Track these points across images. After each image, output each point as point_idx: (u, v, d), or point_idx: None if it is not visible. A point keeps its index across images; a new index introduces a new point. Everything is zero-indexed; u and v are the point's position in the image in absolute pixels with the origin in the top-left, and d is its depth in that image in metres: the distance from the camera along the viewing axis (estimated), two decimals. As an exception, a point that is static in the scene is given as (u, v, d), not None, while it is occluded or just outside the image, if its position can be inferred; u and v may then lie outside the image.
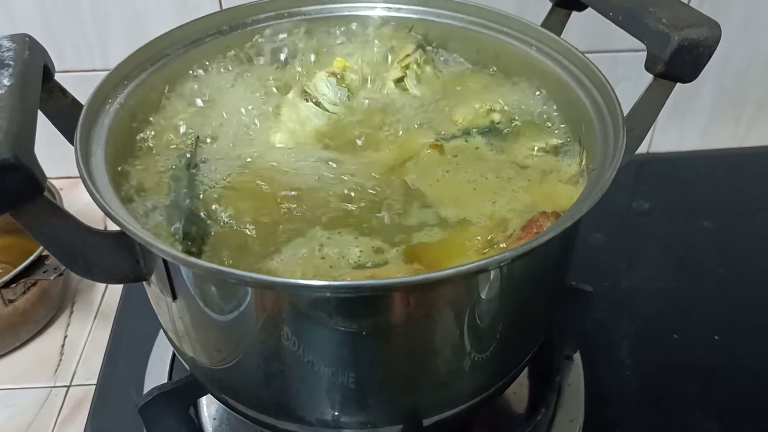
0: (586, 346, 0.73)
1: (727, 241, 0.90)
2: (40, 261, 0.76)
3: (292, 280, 0.44)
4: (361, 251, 0.49)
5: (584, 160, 0.56)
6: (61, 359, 0.79)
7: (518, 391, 0.69)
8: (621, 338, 0.77)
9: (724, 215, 0.94)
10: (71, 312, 0.84)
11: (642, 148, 1.07)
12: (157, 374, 0.72)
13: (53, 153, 0.81)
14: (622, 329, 0.78)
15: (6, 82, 0.44)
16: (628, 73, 0.95)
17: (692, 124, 1.05)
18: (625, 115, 0.52)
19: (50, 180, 0.89)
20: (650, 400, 0.71)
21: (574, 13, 0.64)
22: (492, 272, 0.44)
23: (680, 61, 0.50)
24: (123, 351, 0.77)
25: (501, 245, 0.50)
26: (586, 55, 0.57)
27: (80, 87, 0.92)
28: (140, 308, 0.58)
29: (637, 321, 0.79)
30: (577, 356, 0.72)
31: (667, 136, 1.06)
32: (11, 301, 0.76)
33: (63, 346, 0.80)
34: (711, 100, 1.03)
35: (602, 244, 0.88)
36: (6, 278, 0.74)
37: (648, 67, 0.52)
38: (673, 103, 1.06)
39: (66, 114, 0.54)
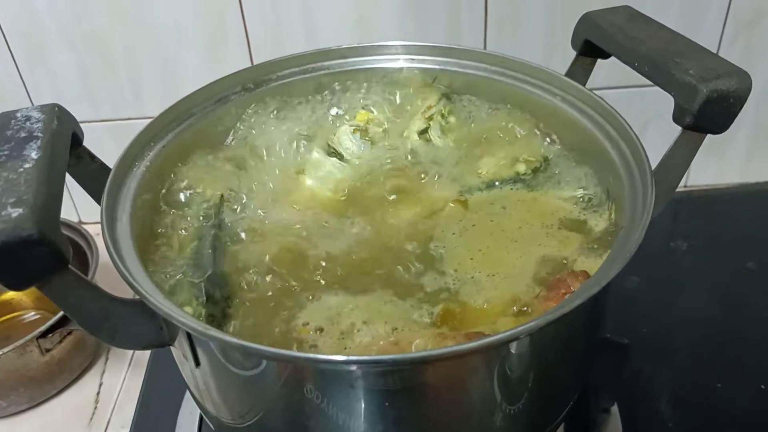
0: (624, 398, 0.70)
1: (772, 283, 0.86)
2: (75, 311, 0.77)
3: (312, 355, 0.44)
4: (387, 316, 0.49)
5: (613, 213, 0.54)
6: (96, 407, 0.80)
7: (554, 447, 0.67)
8: (661, 388, 0.74)
9: (769, 254, 0.90)
10: (106, 359, 0.86)
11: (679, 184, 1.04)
12: (187, 426, 0.72)
13: (88, 199, 0.83)
14: (662, 378, 0.75)
15: (34, 155, 0.45)
16: (660, 108, 0.93)
17: (730, 158, 1.01)
18: (653, 167, 0.50)
19: (85, 225, 0.91)
20: (693, 455, 0.68)
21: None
22: (520, 341, 0.43)
23: (710, 113, 0.49)
24: (155, 399, 0.77)
25: (528, 307, 0.48)
26: (616, 90, 0.56)
27: (115, 135, 0.95)
28: (171, 357, 0.59)
29: (678, 369, 0.76)
30: (614, 408, 0.70)
31: (706, 171, 1.02)
32: (48, 350, 0.77)
33: (98, 394, 0.81)
34: (749, 135, 0.99)
35: (639, 288, 0.85)
36: (43, 328, 0.75)
37: (676, 119, 0.51)
38: (710, 139, 1.03)
39: (94, 178, 0.55)
